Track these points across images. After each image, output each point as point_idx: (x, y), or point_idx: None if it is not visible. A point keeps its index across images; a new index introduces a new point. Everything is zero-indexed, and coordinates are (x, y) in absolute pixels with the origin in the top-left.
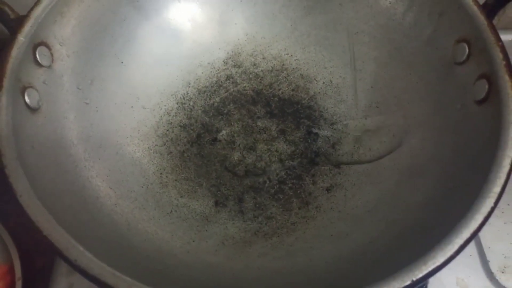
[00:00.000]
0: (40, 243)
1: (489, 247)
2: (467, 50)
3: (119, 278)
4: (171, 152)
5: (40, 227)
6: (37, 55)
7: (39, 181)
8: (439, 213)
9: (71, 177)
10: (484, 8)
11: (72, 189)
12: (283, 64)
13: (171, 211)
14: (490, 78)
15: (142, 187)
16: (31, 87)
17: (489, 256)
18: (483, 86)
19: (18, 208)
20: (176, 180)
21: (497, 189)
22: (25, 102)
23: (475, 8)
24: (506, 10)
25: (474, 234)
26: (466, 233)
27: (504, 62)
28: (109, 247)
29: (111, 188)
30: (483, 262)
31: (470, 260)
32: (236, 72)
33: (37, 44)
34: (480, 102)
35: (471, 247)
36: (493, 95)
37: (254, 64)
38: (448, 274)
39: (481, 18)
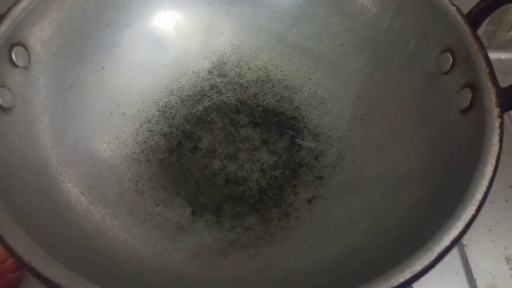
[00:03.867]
0: None
1: (476, 265)
2: (451, 59)
3: (74, 279)
4: (149, 160)
5: None
6: (13, 55)
7: (3, 179)
8: (422, 222)
9: (40, 179)
10: (467, 17)
11: (40, 191)
12: (268, 75)
13: (145, 219)
14: (474, 86)
15: (116, 194)
16: (3, 86)
17: (476, 274)
18: (467, 94)
19: None
20: (152, 188)
21: (479, 196)
22: None
23: (458, 17)
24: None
25: (455, 242)
26: (446, 241)
27: (487, 70)
28: (75, 252)
29: (82, 194)
30: (470, 281)
31: (456, 278)
32: (221, 82)
33: (13, 44)
34: (464, 111)
35: (458, 265)
36: (477, 103)
37: (239, 75)
38: None
39: (465, 27)
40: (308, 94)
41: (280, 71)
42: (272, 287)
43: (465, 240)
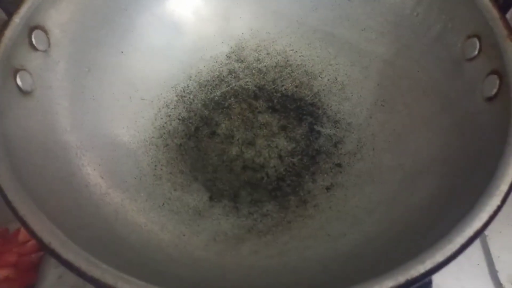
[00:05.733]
0: None
1: (499, 257)
2: (478, 45)
3: (92, 263)
4: (167, 145)
5: (16, 207)
6: (33, 39)
7: (24, 163)
8: (441, 212)
9: (60, 163)
10: (496, 1)
11: (60, 175)
12: (287, 60)
13: (163, 204)
14: (501, 73)
15: (135, 178)
16: (24, 70)
17: (498, 266)
18: (494, 82)
19: None
20: (170, 173)
21: (504, 187)
22: (17, 85)
23: (486, 1)
24: None
25: (478, 234)
26: (468, 232)
27: None
28: (94, 235)
29: (102, 178)
30: (491, 272)
31: (477, 269)
32: (239, 67)
33: (33, 27)
34: (490, 99)
35: (479, 256)
36: (503, 91)
37: (258, 60)
38: (454, 284)
39: (493, 11)
40: (328, 80)
41: (300, 56)
42: (287, 274)
43: (487, 231)
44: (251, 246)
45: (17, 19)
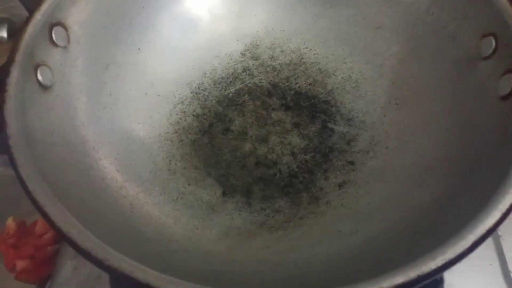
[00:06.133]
0: None
1: None
2: (493, 44)
3: (109, 252)
4: (182, 140)
5: (36, 198)
6: (53, 35)
7: (44, 156)
8: (453, 211)
9: (78, 156)
10: None
11: (78, 168)
12: (301, 58)
13: (177, 198)
14: None
15: (150, 172)
16: (44, 65)
17: (511, 266)
18: (509, 81)
19: None
20: (185, 168)
21: None
22: (37, 79)
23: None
24: None
25: (490, 232)
26: (480, 230)
27: None
28: (109, 226)
29: (118, 171)
30: (504, 272)
31: (490, 269)
32: (253, 64)
33: (53, 24)
34: (505, 97)
35: (492, 256)
36: None
37: (272, 57)
38: (467, 283)
39: (510, 10)
40: (342, 78)
41: (314, 54)
42: (297, 269)
43: (500, 231)
44: (263, 241)
45: (38, 15)
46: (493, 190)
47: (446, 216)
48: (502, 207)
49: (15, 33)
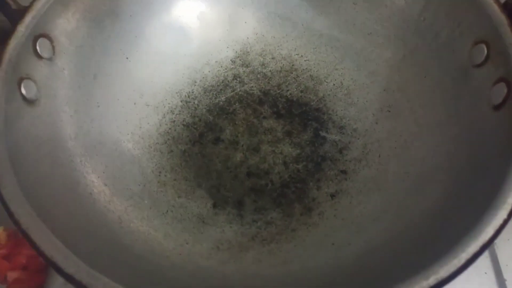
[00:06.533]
0: None
1: (507, 265)
2: (485, 51)
3: (94, 277)
4: (172, 151)
5: (19, 220)
6: (38, 47)
7: (29, 173)
8: (446, 223)
9: (65, 171)
10: (505, 7)
11: (65, 183)
12: (292, 65)
13: (167, 211)
14: (509, 81)
15: (139, 185)
16: (29, 78)
17: (506, 274)
18: (501, 90)
19: None
20: (175, 179)
21: (511, 200)
22: (21, 94)
23: (495, 6)
24: None
25: (483, 249)
26: (473, 247)
27: None
28: (97, 244)
29: (106, 185)
30: (499, 281)
31: (485, 278)
32: (244, 71)
33: (38, 35)
34: (497, 107)
35: (487, 265)
36: (511, 99)
37: (263, 64)
38: None
39: (502, 17)
40: (334, 84)
41: (305, 60)
42: (290, 283)
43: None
44: (255, 254)
45: (21, 28)
46: (487, 203)
47: (441, 229)
48: (495, 222)
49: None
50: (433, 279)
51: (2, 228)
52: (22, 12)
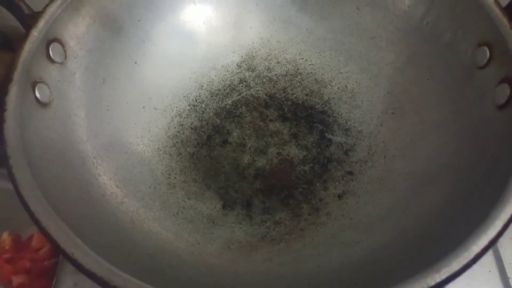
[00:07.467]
0: None
1: (510, 263)
2: (488, 53)
3: (115, 273)
4: (180, 154)
5: (39, 218)
6: (50, 51)
7: (44, 174)
8: (453, 220)
9: (77, 173)
10: (507, 9)
11: (77, 184)
12: (297, 69)
13: (178, 212)
14: None
15: (150, 187)
16: (42, 82)
17: (510, 273)
18: (505, 90)
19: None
20: (184, 181)
21: None
22: (35, 97)
23: (497, 10)
24: None
25: (493, 242)
26: (483, 240)
27: None
28: (111, 244)
29: (118, 187)
30: (503, 279)
31: (489, 276)
32: (250, 75)
33: (50, 40)
34: (501, 107)
35: (491, 263)
36: None
37: (268, 68)
38: None
39: (504, 21)
40: (338, 88)
41: (310, 64)
42: (300, 281)
43: None
44: (265, 253)
45: (35, 32)
46: (494, 199)
47: (448, 226)
48: (504, 216)
49: (6, 44)
50: (445, 272)
51: (7, 233)
52: (35, 17)
